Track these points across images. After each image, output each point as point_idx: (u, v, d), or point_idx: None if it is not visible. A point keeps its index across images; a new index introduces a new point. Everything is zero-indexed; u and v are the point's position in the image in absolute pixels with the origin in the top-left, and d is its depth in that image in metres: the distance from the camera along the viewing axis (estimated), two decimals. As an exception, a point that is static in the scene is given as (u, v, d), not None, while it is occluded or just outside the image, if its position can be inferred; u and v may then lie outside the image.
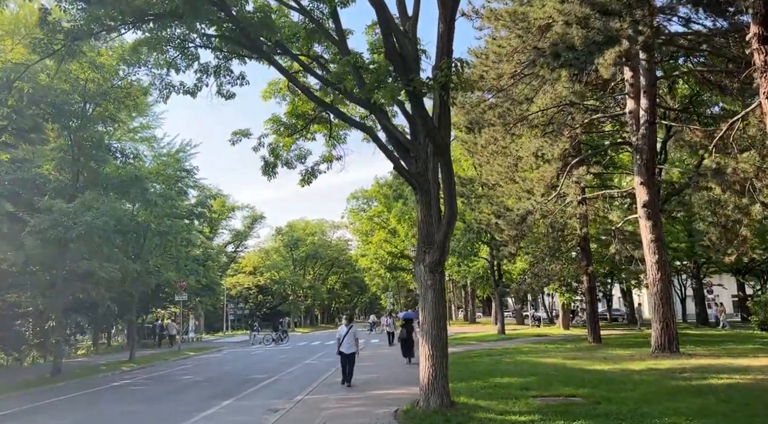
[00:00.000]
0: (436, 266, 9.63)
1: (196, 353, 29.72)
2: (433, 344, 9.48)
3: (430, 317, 9.58)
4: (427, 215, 9.92)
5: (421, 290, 9.78)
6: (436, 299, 9.61)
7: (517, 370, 15.21)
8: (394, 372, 16.39)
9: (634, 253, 19.38)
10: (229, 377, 18.36)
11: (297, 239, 69.69)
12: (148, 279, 23.74)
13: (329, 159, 16.62)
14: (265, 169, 15.63)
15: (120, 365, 23.16)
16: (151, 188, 19.15)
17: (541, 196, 20.79)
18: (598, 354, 18.89)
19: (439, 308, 9.62)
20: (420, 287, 9.83)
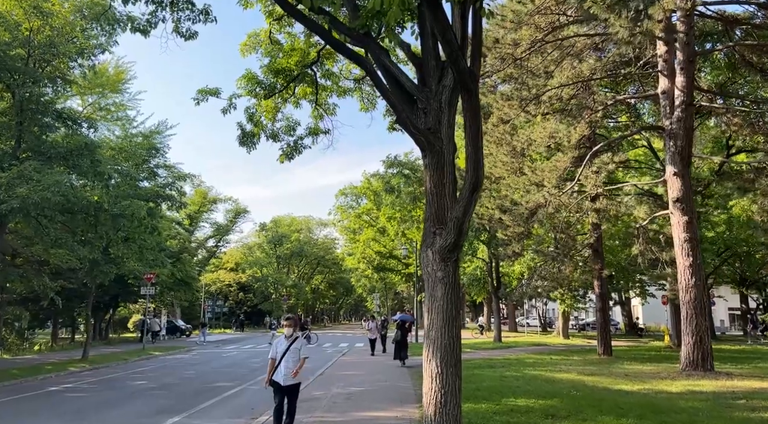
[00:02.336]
0: (450, 252, 7.07)
1: (162, 353, 26.90)
2: (442, 359, 6.91)
3: (439, 321, 7.02)
4: (439, 184, 7.36)
5: (428, 284, 7.23)
6: (447, 298, 7.05)
7: (531, 388, 12.70)
8: (385, 385, 13.81)
9: (661, 254, 17.00)
10: (188, 384, 15.68)
11: (281, 235, 66.82)
12: (105, 268, 20.92)
13: (315, 132, 14.07)
14: (242, 140, 13.08)
15: (69, 365, 20.32)
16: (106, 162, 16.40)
17: (553, 188, 18.35)
18: (616, 370, 16.49)
19: (452, 309, 7.06)
20: (426, 281, 7.28)
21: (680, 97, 15.36)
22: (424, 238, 7.42)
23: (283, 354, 7.76)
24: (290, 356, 7.79)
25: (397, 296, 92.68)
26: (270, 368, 7.90)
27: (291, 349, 7.82)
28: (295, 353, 7.88)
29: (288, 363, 7.78)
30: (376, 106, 14.23)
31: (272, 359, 7.90)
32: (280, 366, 7.79)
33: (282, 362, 7.77)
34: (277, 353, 7.85)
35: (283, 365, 7.76)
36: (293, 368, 7.77)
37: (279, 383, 7.85)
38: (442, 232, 7.17)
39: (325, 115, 14.17)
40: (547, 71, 16.36)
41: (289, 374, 7.72)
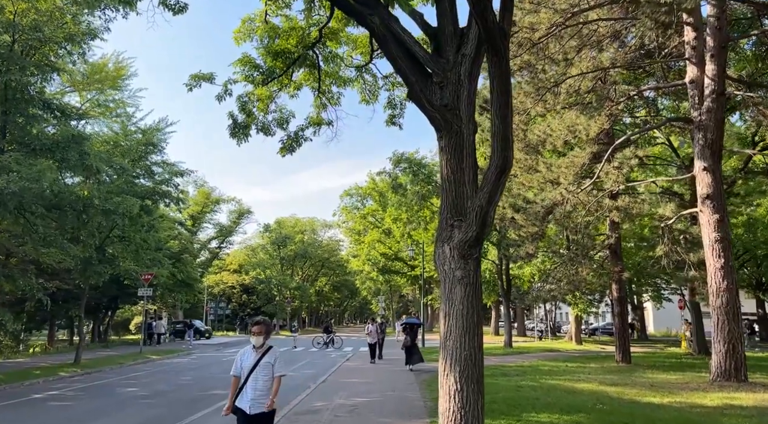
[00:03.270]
0: (471, 247, 6.05)
1: (160, 357, 25.94)
2: (462, 373, 5.87)
3: (459, 329, 5.99)
4: (457, 170, 6.35)
5: (445, 285, 6.21)
6: (468, 301, 6.02)
7: (551, 400, 11.62)
8: (392, 395, 12.75)
9: (688, 256, 15.87)
10: (183, 391, 14.69)
11: (285, 236, 65.81)
12: (99, 269, 19.98)
13: (317, 123, 13.03)
14: (233, 131, 12.06)
15: (60, 370, 19.37)
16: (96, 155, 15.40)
17: (571, 185, 17.28)
18: (639, 379, 15.37)
19: (473, 314, 6.04)
20: (443, 282, 6.25)
21: (710, 87, 14.27)
22: (440, 232, 6.41)
23: (250, 371, 5.73)
24: (260, 373, 5.74)
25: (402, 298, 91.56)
26: (232, 390, 5.85)
27: (261, 364, 5.77)
28: (266, 369, 5.78)
29: (257, 383, 5.71)
30: (378, 98, 13.21)
31: (235, 378, 5.87)
32: (245, 387, 5.73)
33: (249, 382, 5.72)
34: (241, 369, 5.83)
35: (250, 387, 5.70)
36: (264, 390, 5.71)
37: (244, 411, 5.69)
38: (462, 224, 6.15)
39: (328, 105, 13.15)
40: (567, 58, 15.31)
41: (258, 398, 5.67)
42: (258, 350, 5.87)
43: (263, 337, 5.87)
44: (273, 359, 5.87)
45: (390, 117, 12.75)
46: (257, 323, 5.97)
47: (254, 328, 5.91)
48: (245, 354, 5.92)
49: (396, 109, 12.69)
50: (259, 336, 5.86)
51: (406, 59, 6.72)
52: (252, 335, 5.92)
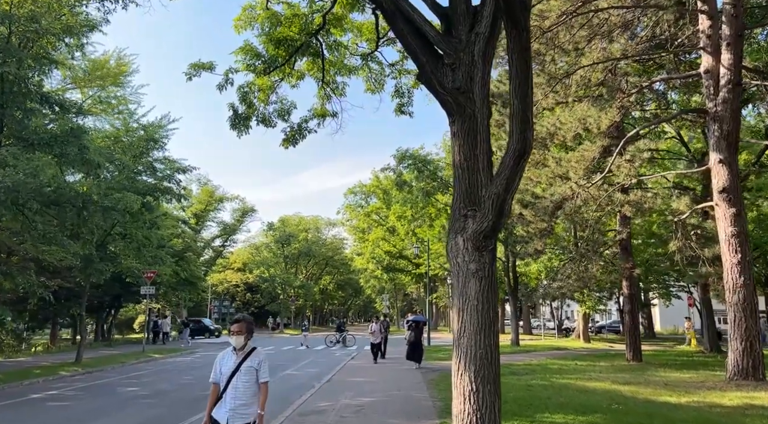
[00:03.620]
0: (486, 238, 5.67)
1: (162, 356, 25.64)
2: (478, 373, 5.49)
3: (473, 325, 5.61)
4: (471, 156, 5.96)
5: (458, 279, 5.82)
6: (483, 296, 5.64)
7: (564, 400, 11.24)
8: (399, 395, 12.38)
9: (702, 251, 15.43)
10: (184, 391, 14.36)
11: (289, 234, 65.50)
12: (100, 266, 19.66)
13: (322, 114, 12.68)
14: (234, 122, 11.75)
15: (61, 369, 19.08)
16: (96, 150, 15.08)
17: (581, 179, 16.87)
18: (653, 378, 14.97)
19: (489, 310, 5.65)
20: (455, 276, 5.87)
21: (726, 76, 13.83)
22: (452, 222, 6.02)
23: (230, 377, 4.90)
24: (241, 379, 4.90)
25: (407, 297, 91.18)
26: (211, 400, 5.00)
27: (242, 369, 4.93)
28: (248, 374, 4.93)
29: (237, 391, 4.86)
30: (384, 87, 12.83)
31: (215, 385, 5.02)
32: (224, 396, 4.88)
33: (228, 390, 4.87)
34: (220, 375, 4.98)
35: (230, 395, 4.85)
36: (245, 399, 4.88)
37: None
38: (476, 214, 5.76)
39: (332, 96, 12.79)
40: (578, 48, 14.89)
41: (238, 408, 4.85)
42: (239, 352, 5.01)
43: (244, 337, 5.02)
44: (257, 362, 5.00)
45: (398, 106, 12.40)
46: (237, 320, 5.11)
47: (233, 326, 5.06)
48: (224, 357, 5.05)
49: (404, 98, 12.35)
50: (239, 336, 5.00)
51: (416, 38, 6.34)
52: (231, 334, 5.07)
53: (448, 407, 10.60)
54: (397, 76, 12.06)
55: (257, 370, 4.99)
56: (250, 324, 5.16)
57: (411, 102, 12.49)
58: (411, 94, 12.48)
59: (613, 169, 16.00)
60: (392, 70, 11.85)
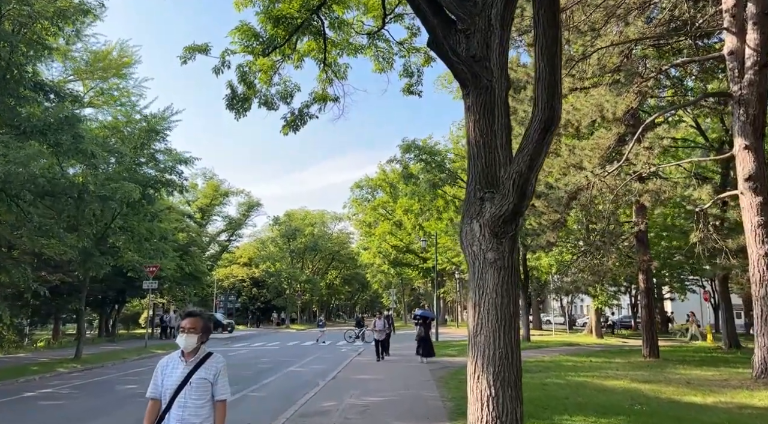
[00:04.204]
0: (506, 223, 5.02)
1: (165, 351, 25.14)
2: (497, 375, 4.86)
3: (492, 322, 4.96)
4: (487, 132, 5.31)
5: (474, 270, 5.18)
6: (503, 289, 4.99)
7: (582, 400, 10.58)
8: (408, 394, 11.75)
9: (725, 242, 14.68)
10: (183, 389, 13.79)
11: (295, 229, 64.99)
12: (100, 260, 19.15)
13: (323, 98, 12.04)
14: (231, 102, 11.13)
15: (59, 365, 18.62)
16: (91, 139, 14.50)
17: (596, 168, 16.15)
18: (673, 376, 14.28)
19: (509, 304, 5.01)
20: (471, 266, 5.23)
21: (752, 58, 13.06)
22: (467, 206, 5.37)
23: (176, 392, 3.64)
24: (191, 395, 3.64)
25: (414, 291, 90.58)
26: (149, 418, 3.72)
27: (193, 381, 3.66)
28: (200, 389, 3.67)
29: (184, 412, 3.62)
30: (393, 66, 12.14)
31: (153, 402, 3.75)
32: (168, 417, 3.64)
33: (174, 409, 3.63)
34: (163, 388, 3.70)
35: (176, 416, 3.62)
36: (198, 421, 3.64)
37: None
38: (494, 196, 5.11)
39: (335, 80, 12.14)
40: (594, 29, 14.15)
41: None
42: (188, 357, 3.72)
43: (198, 337, 3.71)
44: (212, 373, 3.71)
45: (407, 86, 11.77)
46: (190, 314, 3.80)
47: (185, 322, 3.73)
48: (169, 365, 3.76)
49: (413, 77, 11.72)
50: (190, 335, 3.68)
51: (431, 8, 5.66)
52: (181, 332, 3.71)
53: (460, 407, 9.99)
54: (405, 55, 11.41)
55: (212, 383, 3.71)
56: (207, 322, 3.84)
57: (420, 81, 11.87)
58: (420, 73, 11.85)
59: (630, 157, 15.26)
60: (400, 49, 11.19)
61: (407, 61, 11.84)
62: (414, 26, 11.23)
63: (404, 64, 11.65)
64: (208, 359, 3.78)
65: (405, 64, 11.58)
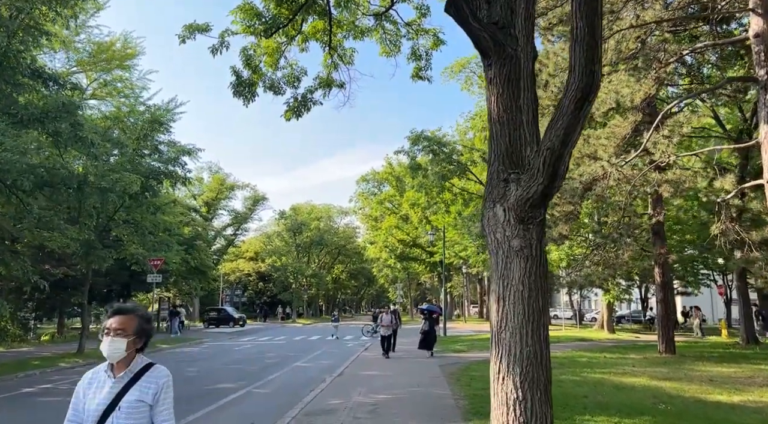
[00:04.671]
0: (533, 208, 4.51)
1: (170, 346, 24.88)
2: (524, 375, 4.36)
3: (518, 317, 4.46)
4: (512, 107, 4.79)
5: (497, 260, 4.67)
6: (530, 280, 4.49)
7: (603, 398, 10.07)
8: (418, 391, 11.29)
9: (749, 234, 14.07)
10: (185, 386, 13.41)
11: (301, 223, 64.59)
12: (102, 253, 18.76)
13: (328, 84, 11.50)
14: (237, 88, 10.61)
15: (61, 360, 18.30)
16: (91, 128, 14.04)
17: (611, 158, 15.58)
18: (693, 373, 13.75)
19: (537, 297, 4.50)
20: (494, 255, 4.72)
21: (780, 40, 12.44)
22: (489, 189, 4.86)
23: (101, 418, 2.56)
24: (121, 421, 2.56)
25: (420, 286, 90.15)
26: None
27: (123, 405, 2.57)
28: (135, 414, 2.58)
29: None
30: (401, 49, 11.59)
31: None
32: None
33: None
34: (85, 416, 2.63)
35: None
36: None
37: None
38: (520, 177, 4.59)
39: (340, 65, 11.61)
40: (613, 11, 13.56)
41: None
42: (118, 371, 2.68)
43: (128, 342, 2.64)
44: (151, 393, 2.64)
45: (415, 70, 11.21)
46: (118, 311, 2.73)
47: (110, 321, 2.69)
48: (93, 382, 2.73)
49: (421, 61, 11.14)
50: (117, 339, 2.63)
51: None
52: (105, 335, 2.66)
53: (474, 407, 9.51)
54: (413, 37, 10.86)
55: (152, 406, 2.63)
56: (143, 322, 2.76)
57: (429, 65, 11.28)
58: (429, 56, 11.27)
59: (648, 146, 14.66)
60: (408, 31, 10.64)
61: (415, 44, 11.30)
62: (423, 5, 10.68)
63: (412, 47, 11.12)
64: (147, 372, 2.68)
65: (413, 47, 11.04)
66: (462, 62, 33.42)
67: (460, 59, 33.79)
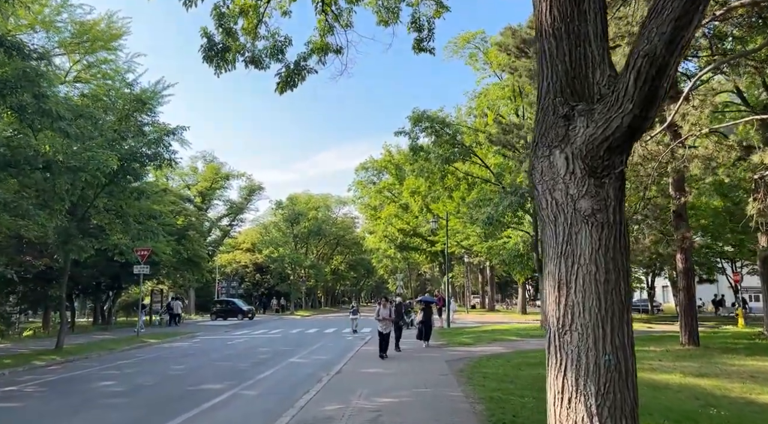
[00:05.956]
0: (612, 152, 3.13)
1: (158, 341, 23.51)
2: (603, 395, 2.99)
3: (590, 310, 3.09)
4: (572, 14, 3.39)
5: (555, 228, 3.28)
6: (606, 256, 3.11)
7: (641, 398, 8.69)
8: (427, 393, 9.93)
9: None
10: (168, 385, 12.06)
11: (298, 213, 63.08)
12: (82, 242, 17.35)
13: (323, 48, 10.10)
14: (207, 52, 9.21)
15: (36, 358, 16.92)
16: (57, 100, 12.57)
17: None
18: (727, 367, 12.49)
19: (619, 282, 3.13)
20: (548, 222, 3.33)
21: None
22: (542, 131, 3.46)
23: None
24: None
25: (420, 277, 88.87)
26: None
27: None
28: None
29: None
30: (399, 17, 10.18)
31: None
32: None
33: None
34: None
35: None
36: None
37: None
38: (592, 109, 3.19)
39: (336, 27, 10.20)
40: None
41: None
42: None
43: None
44: None
45: (416, 42, 9.83)
46: None
47: None
48: None
49: (423, 32, 9.77)
50: None
51: None
52: None
53: (493, 412, 8.13)
54: (414, 3, 9.47)
55: None
56: None
57: (432, 36, 9.90)
58: (432, 26, 9.88)
59: (676, 118, 13.23)
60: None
61: (416, 11, 9.92)
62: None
63: (413, 15, 9.72)
64: None
65: (414, 15, 9.65)
66: (466, 36, 31.85)
67: (464, 33, 32.29)
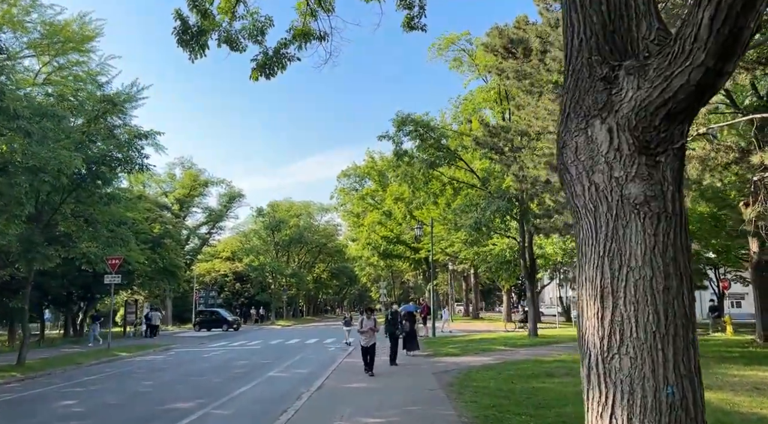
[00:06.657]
0: (671, 121, 2.41)
1: (130, 354, 22.35)
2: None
3: (645, 327, 2.36)
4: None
5: (595, 220, 2.55)
6: (664, 256, 2.39)
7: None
8: (416, 411, 9.12)
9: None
10: (132, 405, 11.09)
11: (279, 220, 61.97)
12: (47, 251, 16.28)
13: (303, 34, 9.38)
14: (182, 36, 8.44)
15: (-5, 375, 15.77)
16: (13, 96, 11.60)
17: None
18: (728, 378, 11.92)
19: (681, 289, 2.42)
20: (587, 213, 2.61)
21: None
22: (575, 98, 2.69)
23: None
24: None
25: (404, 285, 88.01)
26: None
27: None
28: None
29: None
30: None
31: None
32: None
33: None
34: None
35: None
36: None
37: None
38: (644, 66, 2.47)
39: (319, 12, 9.49)
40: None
41: None
42: None
43: None
44: None
45: (407, 20, 9.14)
46: None
47: None
48: None
49: (413, 9, 9.09)
50: None
51: None
52: None
53: (492, 436, 7.45)
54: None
55: None
56: None
57: (423, 13, 9.23)
58: (423, 3, 9.22)
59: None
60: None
61: None
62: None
63: None
64: None
65: None
66: (451, 38, 31.19)
67: (448, 35, 31.64)
